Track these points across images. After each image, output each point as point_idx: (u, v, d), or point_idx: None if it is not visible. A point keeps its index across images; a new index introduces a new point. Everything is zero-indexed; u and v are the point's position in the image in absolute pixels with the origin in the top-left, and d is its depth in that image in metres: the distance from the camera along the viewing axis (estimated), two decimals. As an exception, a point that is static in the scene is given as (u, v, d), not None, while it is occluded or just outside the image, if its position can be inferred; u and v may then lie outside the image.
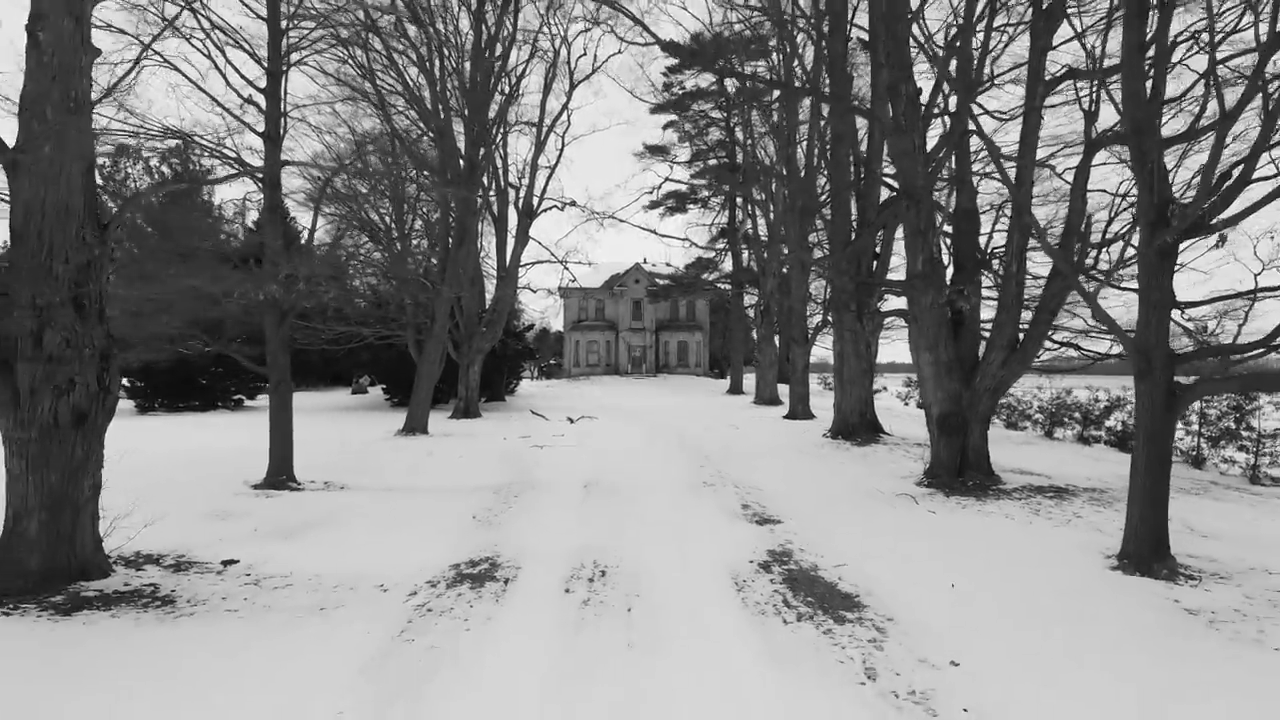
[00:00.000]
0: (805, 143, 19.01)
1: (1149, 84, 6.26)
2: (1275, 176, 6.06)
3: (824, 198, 16.80)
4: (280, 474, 9.35)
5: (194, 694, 3.78)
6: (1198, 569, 6.12)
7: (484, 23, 15.22)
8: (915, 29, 10.02)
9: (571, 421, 18.95)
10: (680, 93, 29.22)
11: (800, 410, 19.55)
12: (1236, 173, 6.22)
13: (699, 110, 27.79)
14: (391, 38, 12.75)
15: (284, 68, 9.60)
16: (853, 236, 14.17)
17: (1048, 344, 10.48)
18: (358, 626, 4.73)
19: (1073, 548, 6.71)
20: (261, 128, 9.53)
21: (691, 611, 4.91)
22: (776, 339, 26.85)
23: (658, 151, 30.45)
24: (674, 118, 29.84)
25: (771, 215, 23.83)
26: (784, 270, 22.03)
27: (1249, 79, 5.54)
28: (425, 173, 14.08)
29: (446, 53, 15.70)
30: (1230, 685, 3.91)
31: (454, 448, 13.58)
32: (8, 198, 5.79)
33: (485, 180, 17.77)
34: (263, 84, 9.57)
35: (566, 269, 21.84)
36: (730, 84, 26.35)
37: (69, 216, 5.65)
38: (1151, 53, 6.27)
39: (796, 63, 17.18)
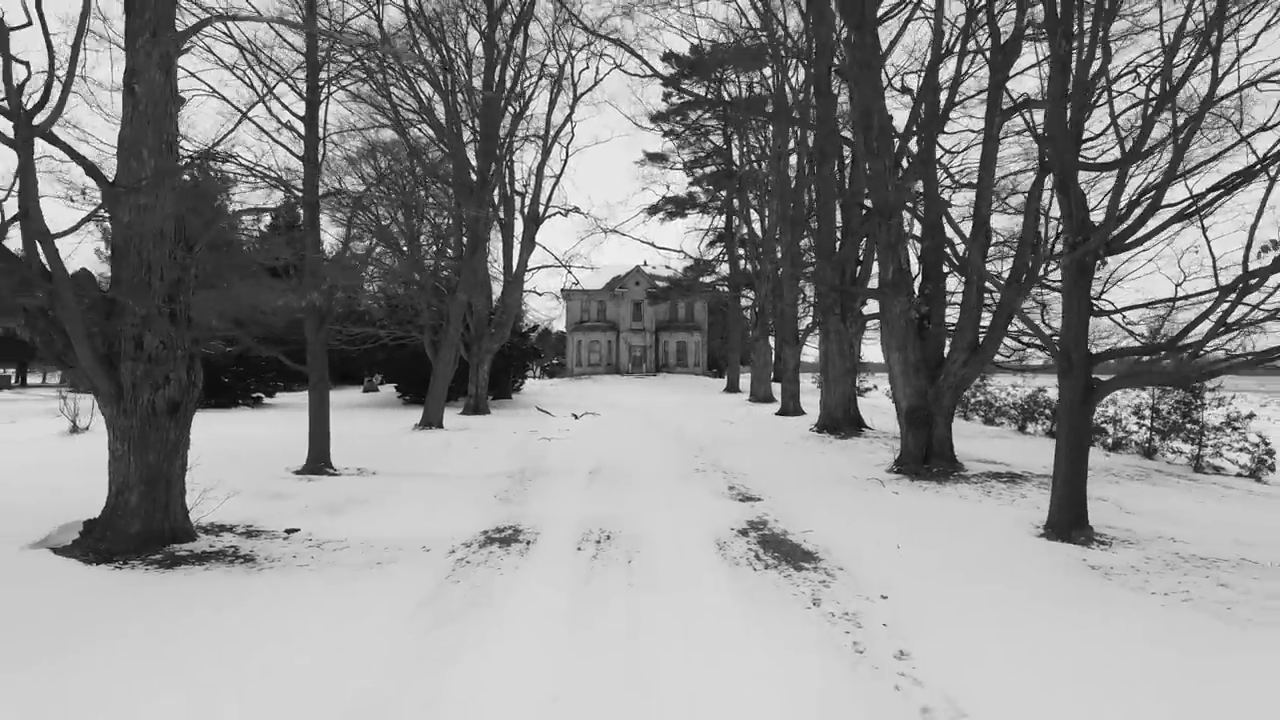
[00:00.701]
0: (795, 155, 20.13)
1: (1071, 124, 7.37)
2: (1183, 202, 7.19)
3: (810, 211, 17.88)
4: (319, 461, 10.49)
5: (292, 621, 4.89)
6: (1112, 537, 7.23)
7: (494, 47, 16.37)
8: (889, 62, 11.14)
9: (576, 417, 20.08)
10: (679, 102, 30.32)
11: (791, 407, 20.67)
12: (1148, 200, 7.36)
13: (696, 120, 28.88)
14: (411, 63, 13.83)
15: (321, 98, 10.73)
16: (837, 246, 15.28)
17: (1012, 344, 11.62)
18: (411, 575, 5.85)
19: (1010, 521, 7.83)
20: (300, 151, 10.67)
21: (679, 563, 6.03)
22: (771, 340, 27.95)
23: (657, 159, 31.60)
24: (673, 126, 30.94)
25: (765, 222, 24.94)
26: (778, 273, 23.13)
27: (1139, 130, 6.65)
28: (448, 192, 15.24)
29: (459, 70, 16.82)
30: (1104, 616, 5.01)
31: (469, 440, 14.72)
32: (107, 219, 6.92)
33: (494, 193, 18.86)
34: (301, 112, 10.71)
35: (570, 273, 22.96)
36: (726, 93, 27.51)
37: (163, 240, 6.78)
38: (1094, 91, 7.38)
39: (787, 81, 18.29)
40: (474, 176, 17.03)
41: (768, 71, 20.87)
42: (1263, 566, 6.23)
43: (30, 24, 5.86)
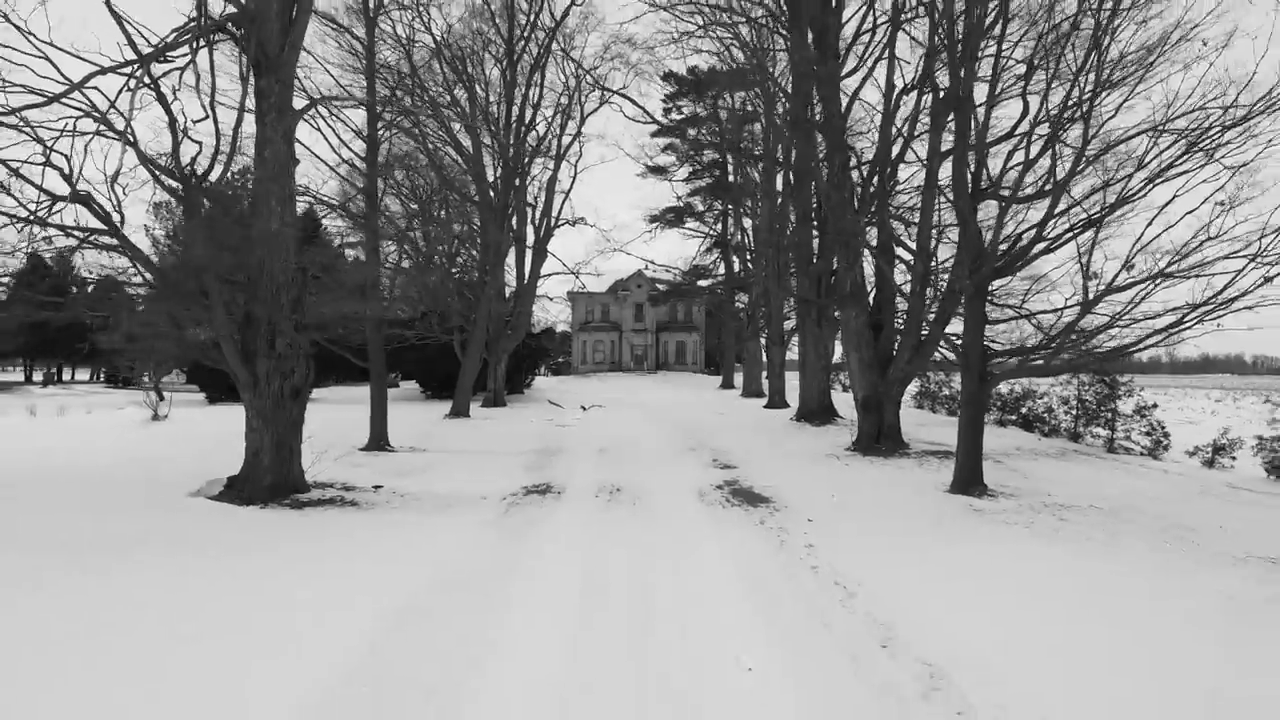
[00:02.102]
0: (780, 174, 22.42)
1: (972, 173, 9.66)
2: (1066, 233, 9.47)
3: (791, 230, 20.16)
4: (379, 440, 12.81)
5: (401, 535, 7.19)
6: (1000, 493, 9.51)
7: (514, 86, 18.68)
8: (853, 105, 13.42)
9: (584, 409, 22.40)
10: (679, 119, 32.65)
11: (777, 400, 22.98)
12: (1030, 235, 9.65)
13: (695, 137, 31.17)
14: (448, 112, 16.14)
15: (379, 141, 13.05)
16: (814, 259, 17.57)
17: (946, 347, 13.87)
18: (475, 512, 8.15)
19: (926, 483, 10.13)
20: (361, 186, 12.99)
21: (670, 503, 8.34)
22: (762, 339, 30.24)
23: (658, 171, 33.89)
24: (673, 140, 33.26)
25: (754, 234, 27.23)
26: (764, 277, 25.42)
27: (1012, 189, 8.94)
28: (474, 218, 17.63)
29: (481, 102, 19.14)
30: (972, 539, 7.27)
31: (494, 427, 17.04)
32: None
33: (512, 215, 21.21)
34: (363, 153, 13.03)
35: (578, 279, 25.30)
36: (722, 110, 29.86)
37: (287, 264, 9.09)
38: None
39: (774, 109, 20.53)
40: (493, 195, 19.35)
41: (759, 92, 23.14)
42: (1098, 510, 8.51)
43: (206, 117, 8.18)
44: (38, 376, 45.72)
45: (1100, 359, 8.76)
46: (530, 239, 24.87)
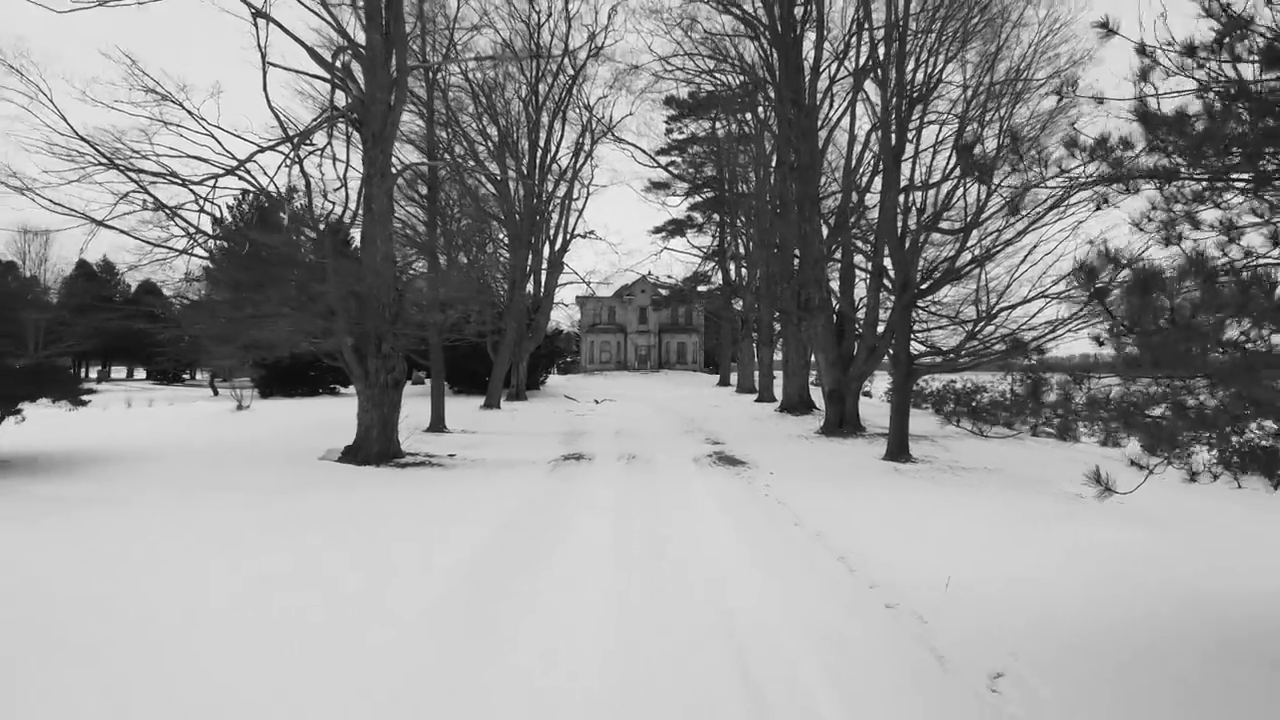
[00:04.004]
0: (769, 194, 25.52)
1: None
2: (971, 263, 12.57)
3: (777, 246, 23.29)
4: (439, 423, 15.96)
5: (478, 483, 10.32)
6: (920, 461, 12.62)
7: (539, 128, 21.91)
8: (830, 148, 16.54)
9: (597, 403, 25.54)
10: (680, 138, 35.80)
11: (765, 395, 26.11)
12: (944, 267, 12.77)
13: (694, 156, 34.33)
14: (480, 143, 19.25)
15: (438, 182, 16.18)
16: (794, 275, 20.67)
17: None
18: (530, 471, 11.27)
19: (867, 455, 13.25)
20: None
21: (672, 465, 11.47)
22: (755, 340, 33.36)
23: (661, 187, 37.04)
24: (675, 158, 36.44)
25: (749, 244, 30.34)
26: (756, 288, 28.53)
27: (926, 227, 12.07)
28: (504, 244, 20.92)
29: (511, 140, 22.33)
30: (883, 484, 10.40)
31: (524, 415, 20.19)
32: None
33: (535, 239, 24.42)
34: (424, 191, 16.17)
35: (589, 288, 28.44)
36: (720, 130, 33.02)
37: (388, 288, 12.21)
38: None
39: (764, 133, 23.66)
40: (519, 219, 22.52)
41: (752, 115, 26.24)
42: (985, 470, 11.61)
43: (342, 186, 11.31)
44: (91, 373, 48.85)
45: (983, 359, 11.88)
46: (546, 252, 28.04)
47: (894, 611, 4.82)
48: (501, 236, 22.54)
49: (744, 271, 32.99)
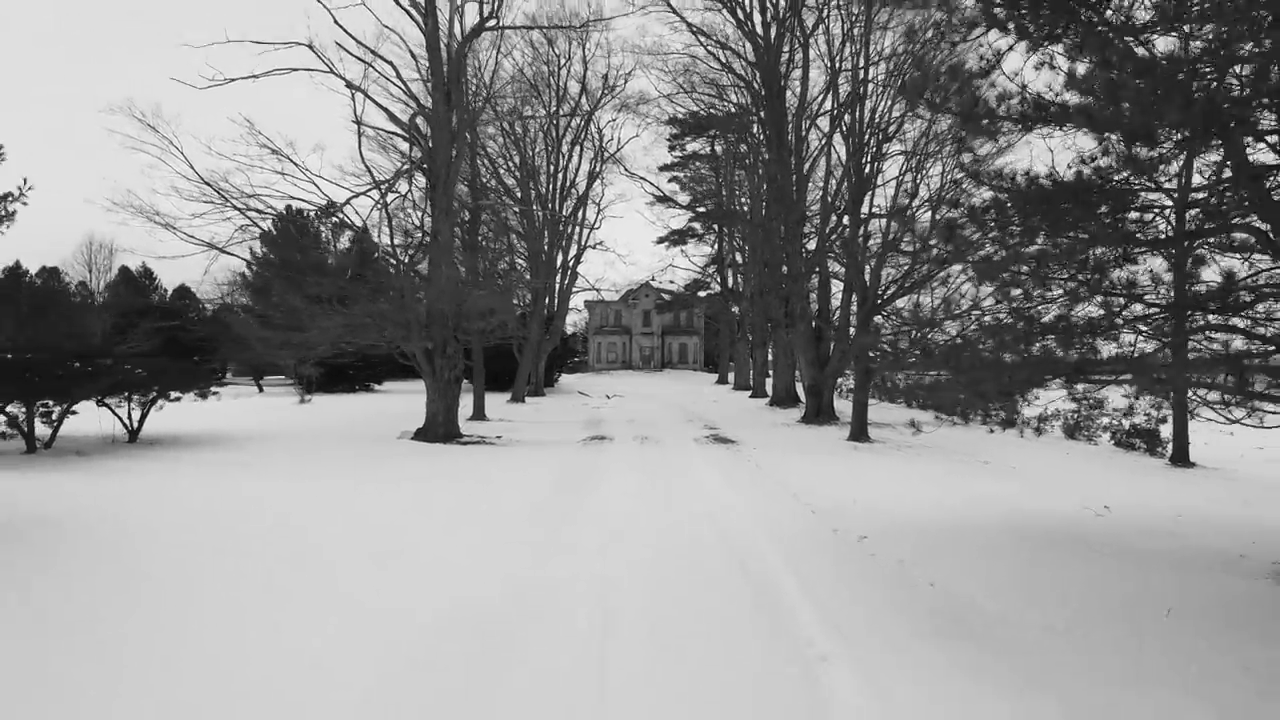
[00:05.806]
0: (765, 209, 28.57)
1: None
2: (928, 278, 15.60)
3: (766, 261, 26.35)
4: (480, 414, 19.03)
5: (525, 457, 13.38)
6: (878, 441, 15.66)
7: (559, 155, 25.04)
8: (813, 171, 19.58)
9: (608, 398, 28.62)
10: (682, 155, 38.89)
11: (759, 391, 29.15)
12: (901, 280, 15.83)
13: (695, 172, 37.38)
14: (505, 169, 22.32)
15: (479, 210, 19.24)
16: (781, 286, 23.72)
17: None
18: (565, 447, 14.31)
19: (837, 437, 16.29)
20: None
21: (678, 444, 14.53)
22: (749, 343, 36.40)
23: (664, 200, 40.10)
24: (678, 173, 39.52)
25: (745, 253, 33.41)
26: (750, 295, 31.56)
27: (883, 250, 15.13)
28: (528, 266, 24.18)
29: (533, 168, 25.44)
30: (843, 457, 13.44)
31: (547, 408, 23.25)
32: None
33: (556, 251, 27.55)
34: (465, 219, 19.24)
35: (599, 293, 31.49)
36: (719, 147, 36.12)
37: (452, 303, 15.26)
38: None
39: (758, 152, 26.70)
40: (546, 236, 25.60)
41: (748, 135, 29.30)
42: (929, 447, 14.65)
43: (420, 227, 14.37)
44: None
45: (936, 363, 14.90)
46: (561, 262, 31.14)
47: (817, 514, 7.87)
48: (522, 248, 25.64)
49: (740, 279, 36.08)
